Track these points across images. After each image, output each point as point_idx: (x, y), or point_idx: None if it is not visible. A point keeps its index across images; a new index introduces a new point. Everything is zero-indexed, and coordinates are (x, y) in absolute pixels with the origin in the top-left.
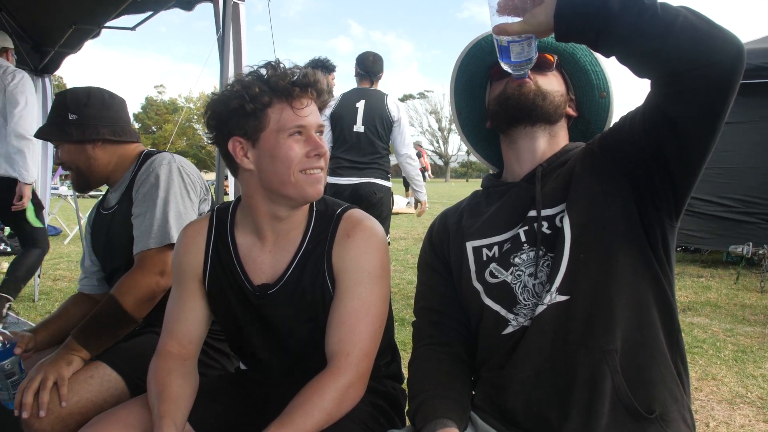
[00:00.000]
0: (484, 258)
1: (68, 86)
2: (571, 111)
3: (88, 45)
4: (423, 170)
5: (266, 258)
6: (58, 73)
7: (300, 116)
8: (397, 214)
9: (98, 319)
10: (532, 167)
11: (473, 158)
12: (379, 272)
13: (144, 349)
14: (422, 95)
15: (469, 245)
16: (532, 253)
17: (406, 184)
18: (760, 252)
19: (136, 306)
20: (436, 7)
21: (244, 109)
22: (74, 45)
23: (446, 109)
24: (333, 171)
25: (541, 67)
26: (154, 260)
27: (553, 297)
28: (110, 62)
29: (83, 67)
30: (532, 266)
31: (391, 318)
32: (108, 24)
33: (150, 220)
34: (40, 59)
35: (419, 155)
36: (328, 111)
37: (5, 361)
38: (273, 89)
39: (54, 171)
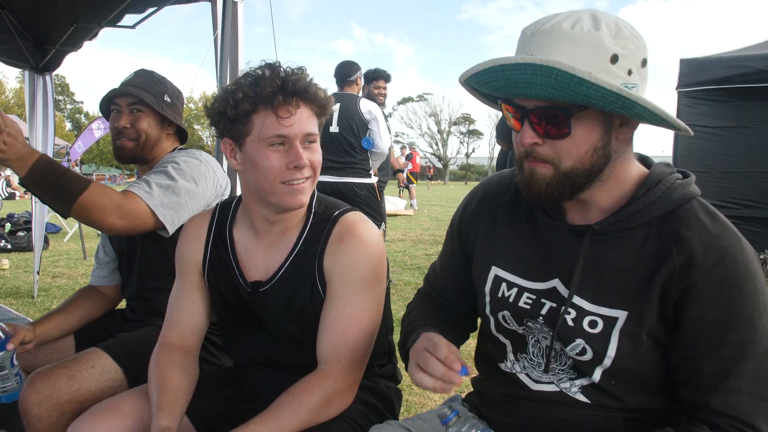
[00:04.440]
0: (499, 294)
1: (71, 86)
2: (623, 134)
3: (91, 44)
4: (414, 172)
5: (261, 256)
6: (60, 72)
7: (281, 126)
8: (396, 216)
9: (65, 172)
10: (583, 221)
11: (472, 161)
12: (371, 279)
13: (145, 341)
14: (421, 97)
15: (494, 270)
16: (544, 342)
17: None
18: (761, 257)
19: (85, 205)
20: (436, 10)
21: (226, 114)
22: (75, 43)
23: (445, 112)
24: None
25: (553, 135)
26: (127, 202)
27: (566, 389)
28: (112, 62)
29: (86, 67)
30: (542, 357)
31: (389, 320)
32: (108, 22)
33: (148, 179)
34: (41, 57)
35: (410, 157)
36: None
37: None
38: (257, 96)
39: None
